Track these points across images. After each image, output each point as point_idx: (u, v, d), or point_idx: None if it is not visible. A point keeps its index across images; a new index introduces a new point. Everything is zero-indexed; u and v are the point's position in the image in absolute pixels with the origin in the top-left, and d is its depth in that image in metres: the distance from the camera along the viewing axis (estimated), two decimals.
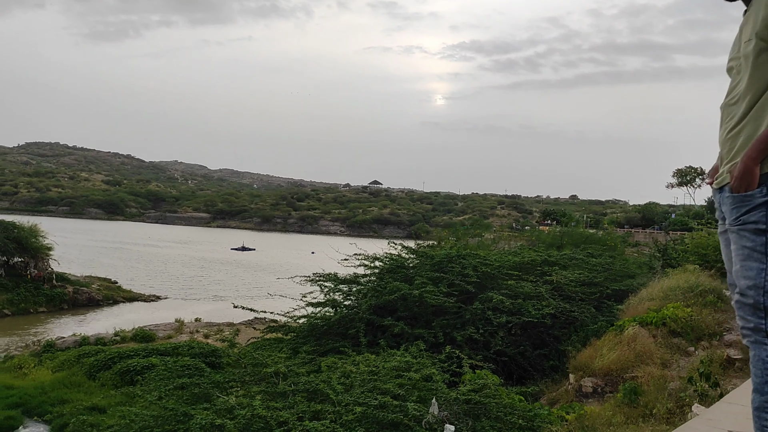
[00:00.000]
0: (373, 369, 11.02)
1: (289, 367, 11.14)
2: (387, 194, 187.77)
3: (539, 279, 17.15)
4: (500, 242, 34.97)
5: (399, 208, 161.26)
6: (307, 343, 16.09)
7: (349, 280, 18.61)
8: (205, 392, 10.21)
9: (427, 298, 15.17)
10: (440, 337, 14.46)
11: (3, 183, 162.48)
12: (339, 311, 17.20)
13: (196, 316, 31.30)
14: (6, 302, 33.56)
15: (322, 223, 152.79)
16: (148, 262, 62.60)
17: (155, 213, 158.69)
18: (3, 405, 17.46)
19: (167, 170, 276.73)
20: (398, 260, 19.03)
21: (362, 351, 13.78)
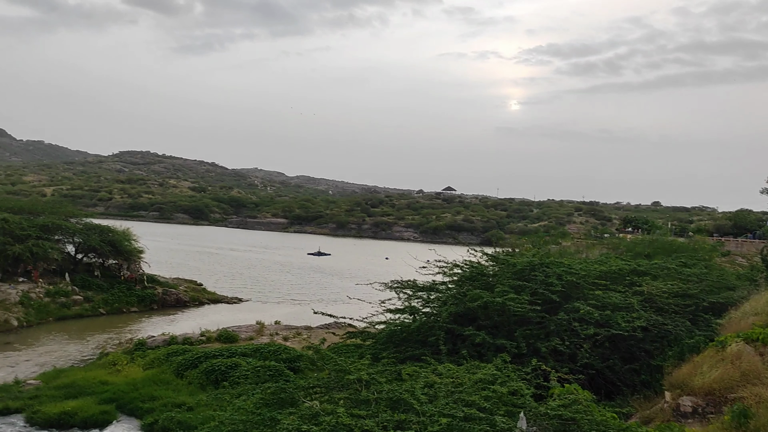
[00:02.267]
0: (457, 380, 10.80)
1: (372, 374, 11.08)
2: (460, 200, 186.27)
3: (628, 289, 16.40)
4: (583, 250, 33.81)
5: (473, 214, 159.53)
6: (386, 349, 16.02)
7: (427, 288, 18.45)
8: (291, 397, 10.31)
9: (510, 306, 14.79)
10: (523, 348, 14.06)
11: (99, 189, 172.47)
12: (418, 318, 17.07)
13: (276, 319, 31.91)
14: (102, 302, 35.47)
15: (396, 229, 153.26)
16: (231, 265, 64.65)
17: (237, 218, 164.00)
18: (98, 400, 18.35)
19: (248, 177, 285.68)
20: (478, 268, 18.70)
21: (443, 360, 13.58)
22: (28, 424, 16.95)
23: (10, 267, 34.52)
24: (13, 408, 17.74)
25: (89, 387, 19.35)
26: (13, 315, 30.32)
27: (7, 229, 35.09)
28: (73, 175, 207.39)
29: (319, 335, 26.84)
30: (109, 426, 17.15)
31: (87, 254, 39.88)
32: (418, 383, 10.72)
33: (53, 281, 35.34)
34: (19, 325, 29.88)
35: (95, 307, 34.72)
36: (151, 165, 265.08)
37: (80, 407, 17.46)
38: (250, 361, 20.17)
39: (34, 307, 31.86)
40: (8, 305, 31.06)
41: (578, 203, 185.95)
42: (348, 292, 44.08)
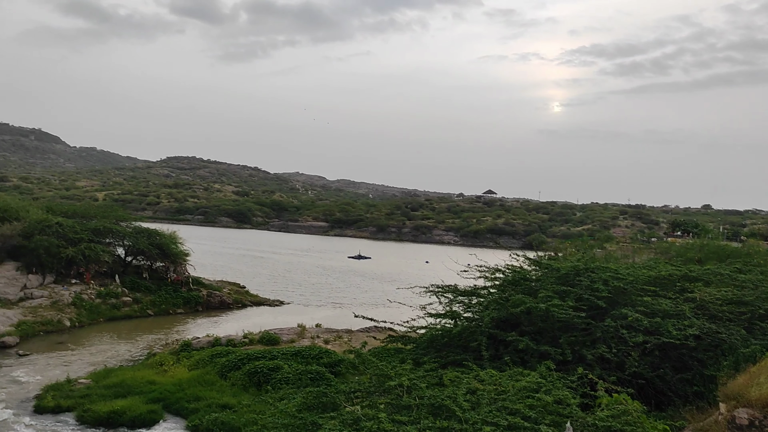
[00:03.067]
0: (500, 387, 10.63)
1: (413, 380, 11.00)
2: (501, 204, 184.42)
3: (679, 296, 15.89)
4: (630, 255, 32.99)
5: (514, 218, 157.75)
6: (427, 354, 15.88)
7: (468, 292, 18.24)
8: (332, 401, 10.31)
9: (554, 312, 14.49)
10: (568, 355, 13.74)
11: (147, 194, 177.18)
12: (459, 323, 16.88)
13: (317, 322, 32.11)
14: (149, 303, 36.34)
15: (436, 233, 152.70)
16: (273, 268, 65.45)
17: (278, 222, 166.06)
18: (146, 399, 18.75)
19: (290, 181, 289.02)
20: (520, 272, 18.41)
21: (485, 365, 13.39)
22: (79, 422, 17.43)
23: (63, 269, 35.66)
24: (64, 406, 18.29)
25: (137, 386, 19.79)
26: (66, 315, 31.31)
27: (61, 233, 36.29)
28: (124, 181, 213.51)
29: (360, 339, 26.88)
30: (156, 425, 17.50)
31: (136, 257, 40.92)
32: (460, 389, 10.59)
33: (104, 283, 36.37)
34: (72, 325, 30.82)
35: (143, 309, 35.58)
36: (196, 170, 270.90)
37: (129, 406, 17.88)
38: (292, 364, 20.33)
39: (85, 307, 32.82)
40: (61, 306, 32.10)
41: (623, 206, 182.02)
42: (388, 296, 44.00)
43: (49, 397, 18.85)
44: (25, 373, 22.38)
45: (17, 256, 35.11)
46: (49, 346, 26.93)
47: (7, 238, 35.08)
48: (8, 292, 31.84)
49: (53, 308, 31.62)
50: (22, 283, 33.20)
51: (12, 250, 35.24)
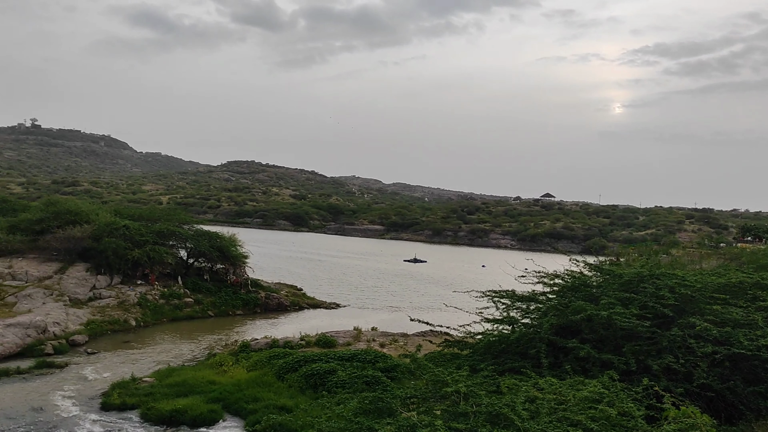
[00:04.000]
0: (561, 397, 10.34)
1: (470, 386, 10.83)
2: (560, 207, 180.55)
3: (750, 304, 15.10)
4: (697, 261, 31.66)
5: (573, 221, 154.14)
6: (484, 360, 15.63)
7: (526, 298, 17.87)
8: (388, 407, 10.26)
9: (617, 320, 14.02)
10: (632, 365, 13.26)
11: (209, 197, 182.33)
12: (517, 329, 16.56)
13: (372, 325, 32.18)
14: (210, 305, 37.28)
15: (492, 237, 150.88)
16: (330, 271, 66.10)
17: (335, 225, 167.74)
18: (206, 399, 19.21)
19: (346, 185, 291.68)
20: (581, 278, 17.92)
21: (544, 373, 13.07)
22: (143, 419, 18.01)
23: (129, 270, 37.01)
24: (129, 404, 18.94)
25: (198, 386, 20.30)
26: (132, 315, 32.46)
27: (128, 235, 37.69)
28: (186, 185, 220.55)
29: (416, 343, 26.78)
30: (216, 425, 17.89)
31: (197, 259, 42.07)
32: (518, 397, 10.35)
33: (167, 284, 37.55)
34: (137, 324, 31.94)
35: (204, 310, 36.51)
36: (255, 174, 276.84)
37: (190, 405, 18.35)
38: (348, 368, 20.42)
39: (150, 308, 33.95)
40: (128, 306, 33.31)
41: (689, 210, 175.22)
42: (444, 300, 43.70)
43: (115, 395, 19.56)
44: (92, 370, 23.31)
45: (87, 257, 36.69)
46: (116, 344, 27.97)
47: (78, 240, 36.70)
48: (78, 292, 33.27)
49: (120, 308, 32.85)
50: (91, 284, 34.63)
51: (82, 251, 36.85)
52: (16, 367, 22.56)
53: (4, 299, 31.25)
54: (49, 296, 32.01)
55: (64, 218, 39.02)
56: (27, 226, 39.37)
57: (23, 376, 21.86)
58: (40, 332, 26.58)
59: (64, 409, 18.64)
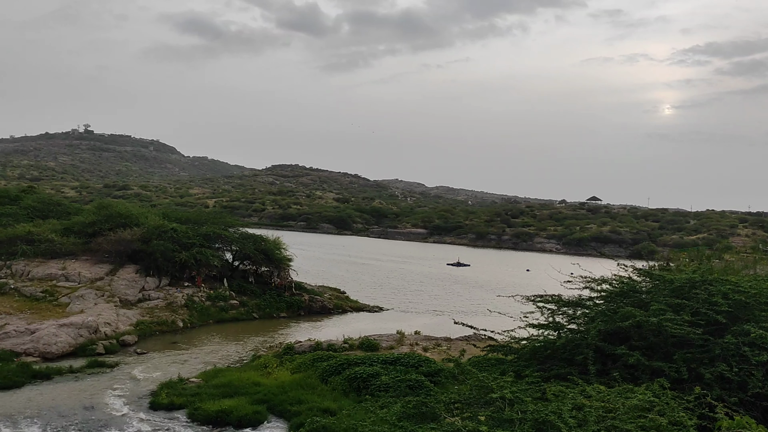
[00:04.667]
0: (609, 405, 10.08)
1: (515, 393, 10.67)
2: (607, 211, 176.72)
3: None
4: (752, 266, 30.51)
5: (620, 225, 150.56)
6: (529, 366, 15.39)
7: (573, 303, 17.53)
8: (432, 412, 10.19)
9: (667, 327, 13.61)
10: (684, 373, 12.85)
11: (254, 201, 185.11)
12: (563, 335, 16.25)
13: (416, 329, 32.05)
14: (255, 307, 37.80)
15: (537, 240, 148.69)
16: (373, 274, 66.25)
17: (378, 228, 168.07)
18: (251, 400, 19.46)
19: (389, 188, 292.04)
20: (629, 283, 17.48)
21: (591, 380, 12.78)
22: (190, 419, 18.35)
23: (177, 272, 37.85)
24: (177, 403, 19.34)
25: (243, 387, 20.58)
26: (179, 317, 33.18)
27: (175, 238, 38.56)
28: (232, 188, 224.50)
29: (459, 347, 26.57)
30: (260, 426, 18.11)
31: (242, 261, 42.73)
32: (565, 405, 10.14)
33: (213, 286, 38.25)
34: (184, 326, 32.62)
35: (249, 312, 37.03)
36: (299, 177, 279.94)
37: (235, 406, 18.62)
38: (391, 371, 20.39)
39: (197, 309, 34.64)
40: (175, 307, 34.07)
41: (743, 214, 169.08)
42: (488, 305, 43.22)
43: (163, 395, 20.00)
44: (142, 370, 23.90)
45: (137, 259, 37.68)
46: (164, 345, 28.62)
47: (128, 242, 37.73)
48: (128, 294, 34.20)
49: (168, 309, 33.62)
50: (140, 285, 35.56)
51: (132, 254, 37.87)
52: (69, 366, 23.31)
53: (58, 300, 32.37)
54: (101, 297, 32.99)
55: (115, 221, 40.21)
56: (80, 229, 40.71)
57: (76, 375, 22.56)
58: (92, 332, 27.41)
59: (114, 408, 19.16)
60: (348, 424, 13.03)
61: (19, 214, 51.45)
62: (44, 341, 25.18)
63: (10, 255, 37.44)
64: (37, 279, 35.06)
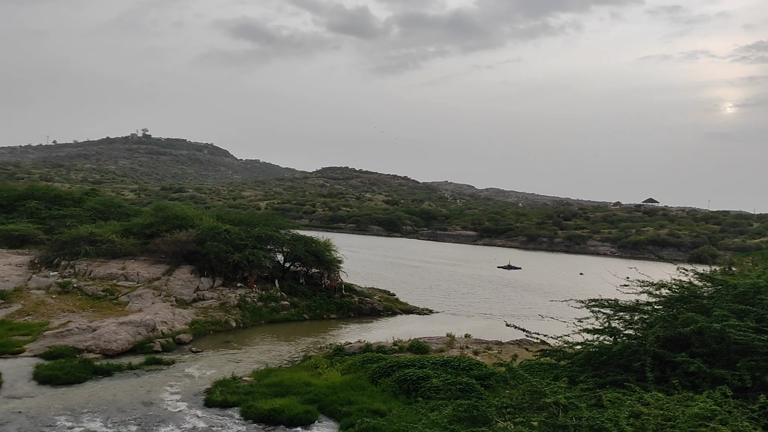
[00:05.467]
0: (668, 413, 9.73)
1: (570, 398, 10.43)
2: (664, 213, 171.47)
3: None
4: None
5: (679, 228, 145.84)
6: (584, 372, 15.03)
7: (630, 308, 17.02)
8: (484, 415, 10.05)
9: (731, 333, 13.06)
10: (747, 381, 12.30)
11: (304, 203, 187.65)
12: (620, 341, 15.80)
13: (466, 332, 31.79)
14: (305, 308, 38.22)
15: (591, 243, 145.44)
16: (422, 277, 66.10)
17: (427, 230, 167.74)
18: (302, 400, 19.65)
19: (438, 190, 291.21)
20: (690, 288, 16.86)
21: (649, 387, 12.39)
22: (243, 417, 18.68)
23: (230, 273, 38.62)
24: (230, 401, 19.71)
25: (294, 387, 20.81)
26: (232, 316, 33.85)
27: (229, 239, 39.38)
28: (283, 190, 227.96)
29: (510, 351, 26.20)
30: (311, 426, 18.27)
31: (293, 263, 43.27)
32: (622, 412, 9.85)
33: (265, 287, 38.87)
34: (237, 325, 33.24)
35: (300, 313, 37.46)
36: (349, 180, 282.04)
37: (287, 405, 18.84)
38: (441, 374, 20.26)
39: (249, 310, 35.26)
40: (228, 308, 34.78)
41: None
42: (540, 309, 42.56)
43: (218, 392, 20.42)
44: (197, 368, 24.47)
45: (191, 260, 38.65)
46: (217, 344, 29.23)
47: (184, 243, 38.75)
48: (184, 294, 35.10)
49: (221, 309, 34.35)
50: (195, 286, 36.45)
51: (187, 254, 38.86)
52: (128, 363, 24.07)
53: (118, 298, 33.51)
54: (158, 296, 33.98)
55: (172, 223, 41.38)
56: (139, 230, 42.10)
57: (134, 372, 23.27)
58: (150, 330, 28.23)
59: (171, 404, 19.67)
60: (398, 425, 12.99)
61: (82, 215, 53.62)
62: (105, 338, 26.07)
63: (73, 255, 39.01)
64: (99, 278, 36.40)
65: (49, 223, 51.70)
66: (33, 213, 55.13)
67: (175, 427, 17.66)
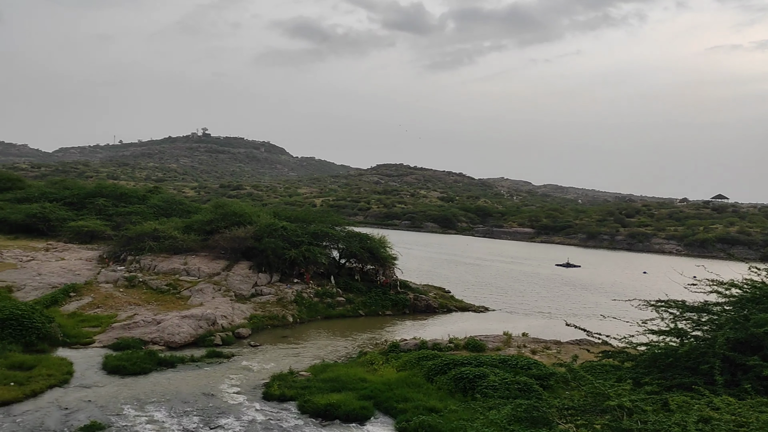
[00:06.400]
0: (740, 418, 9.25)
1: (635, 401, 10.06)
2: (734, 210, 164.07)
3: None
4: None
5: (750, 225, 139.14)
6: (649, 374, 14.52)
7: (698, 308, 16.31)
8: (544, 416, 9.80)
9: None
10: None
11: (359, 200, 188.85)
12: (687, 342, 15.17)
13: (523, 331, 31.25)
14: (361, 304, 38.43)
15: (655, 241, 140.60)
16: (478, 274, 65.42)
17: (483, 227, 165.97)
18: (358, 395, 19.72)
19: (494, 187, 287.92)
20: (762, 288, 16.02)
21: (718, 391, 11.84)
22: (300, 411, 18.90)
23: (287, 269, 39.22)
24: (288, 395, 19.99)
25: (350, 383, 20.91)
26: (289, 312, 34.35)
27: (285, 236, 40.00)
28: (338, 187, 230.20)
29: (570, 351, 25.61)
30: (367, 422, 18.31)
31: (349, 259, 43.57)
32: (690, 416, 9.43)
33: (321, 283, 39.28)
34: (293, 321, 33.72)
35: (355, 309, 37.68)
36: (403, 176, 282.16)
37: (343, 401, 18.95)
38: (498, 373, 19.96)
39: (305, 305, 35.71)
40: (285, 303, 35.31)
41: None
42: (601, 308, 41.46)
43: (276, 386, 20.74)
44: (255, 362, 24.93)
45: (249, 256, 39.45)
46: (275, 338, 29.71)
47: (242, 239, 39.58)
48: (242, 289, 35.85)
49: (278, 305, 34.90)
50: (253, 281, 37.17)
51: (245, 251, 39.68)
52: (191, 355, 24.74)
53: (180, 293, 34.52)
54: (218, 291, 34.82)
55: (230, 220, 42.34)
56: (199, 227, 43.28)
57: (196, 364, 23.90)
58: (210, 324, 28.95)
59: (231, 397, 20.10)
60: (456, 424, 12.85)
61: (146, 212, 55.50)
62: (168, 331, 26.89)
63: (139, 250, 40.44)
64: (162, 273, 37.61)
65: (115, 219, 53.80)
66: (101, 210, 57.48)
67: (234, 419, 18.02)
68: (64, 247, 46.61)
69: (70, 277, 35.31)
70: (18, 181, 70.69)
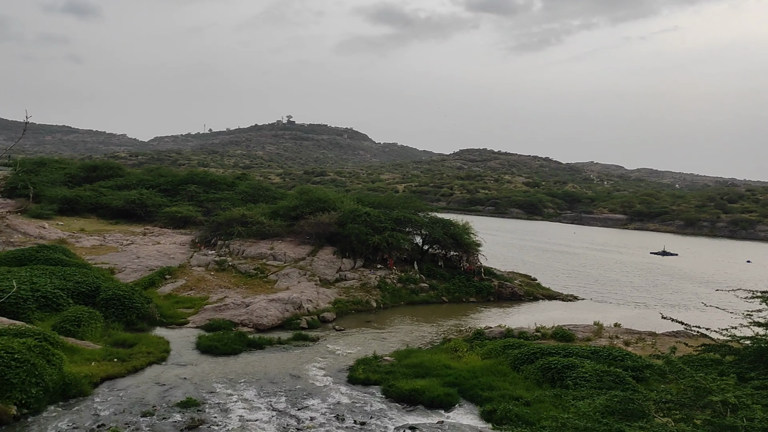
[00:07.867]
0: None
1: (740, 397, 9.33)
2: None
3: None
4: None
5: None
6: (755, 369, 13.58)
7: None
8: (640, 409, 9.26)
9: None
10: None
11: (441, 186, 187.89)
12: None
13: (614, 321, 29.99)
14: (444, 290, 38.16)
15: (761, 228, 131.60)
16: (566, 262, 63.47)
17: (571, 213, 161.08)
18: (442, 382, 19.56)
19: (583, 171, 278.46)
20: None
21: None
22: (384, 395, 18.97)
23: (370, 255, 39.51)
24: (372, 379, 20.11)
25: (434, 369, 20.78)
26: (373, 297, 34.60)
27: (368, 222, 40.28)
28: (420, 173, 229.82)
29: (666, 343, 24.31)
30: (452, 408, 18.13)
31: (432, 245, 43.36)
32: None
33: (404, 269, 39.32)
34: (377, 306, 33.94)
35: (438, 295, 37.46)
36: (487, 162, 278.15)
37: (427, 387, 18.85)
38: (589, 364, 19.21)
39: (389, 291, 35.85)
40: (369, 288, 35.59)
41: None
42: (702, 299, 39.15)
43: (360, 370, 20.92)
44: (340, 346, 25.27)
45: (333, 241, 40.04)
46: (359, 323, 30.01)
47: (326, 225, 40.21)
48: (327, 274, 36.44)
49: (362, 290, 35.23)
50: (337, 266, 37.70)
51: (329, 236, 40.30)
52: (278, 337, 25.42)
53: (267, 277, 35.54)
54: (303, 276, 35.57)
55: (315, 206, 43.12)
56: (285, 213, 44.39)
57: (283, 346, 24.52)
58: (296, 308, 29.61)
59: (317, 379, 20.47)
60: (545, 414, 12.43)
61: (234, 198, 57.61)
62: (257, 314, 27.73)
63: (228, 235, 41.97)
64: (250, 257, 38.86)
65: (206, 205, 56.18)
66: (192, 196, 60.20)
67: (320, 401, 18.33)
68: (160, 232, 49.20)
69: (165, 261, 37.16)
70: (118, 169, 75.25)
